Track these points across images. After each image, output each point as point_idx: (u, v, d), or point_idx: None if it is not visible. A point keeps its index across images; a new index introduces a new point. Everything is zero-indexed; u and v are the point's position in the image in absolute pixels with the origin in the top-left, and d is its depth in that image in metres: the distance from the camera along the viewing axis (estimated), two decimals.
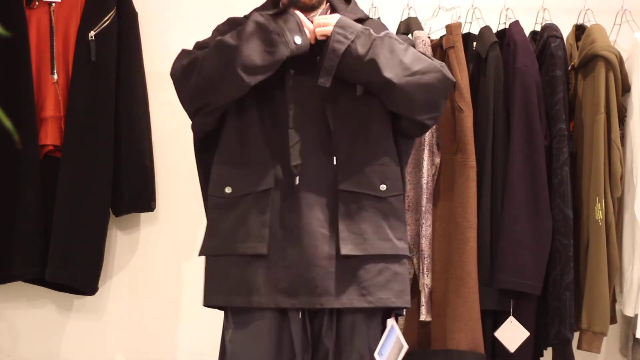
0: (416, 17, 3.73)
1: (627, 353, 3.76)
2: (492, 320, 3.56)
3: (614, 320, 3.65)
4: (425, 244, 3.54)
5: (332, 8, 3.05)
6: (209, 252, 2.97)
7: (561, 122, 3.54)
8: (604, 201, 3.51)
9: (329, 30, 2.87)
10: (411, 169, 3.59)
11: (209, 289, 2.96)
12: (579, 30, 3.77)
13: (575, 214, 3.55)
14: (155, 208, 3.78)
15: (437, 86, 2.91)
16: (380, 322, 2.97)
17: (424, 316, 3.53)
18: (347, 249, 2.86)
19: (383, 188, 2.92)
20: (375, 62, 2.83)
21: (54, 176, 3.63)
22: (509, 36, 3.59)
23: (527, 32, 3.65)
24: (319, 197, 2.87)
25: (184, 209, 3.87)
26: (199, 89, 2.89)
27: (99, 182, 3.65)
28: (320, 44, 2.90)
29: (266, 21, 2.85)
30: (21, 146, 3.57)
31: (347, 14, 2.99)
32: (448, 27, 3.62)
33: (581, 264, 3.57)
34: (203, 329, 3.78)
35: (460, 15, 3.71)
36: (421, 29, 3.67)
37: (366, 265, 2.88)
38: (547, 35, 3.61)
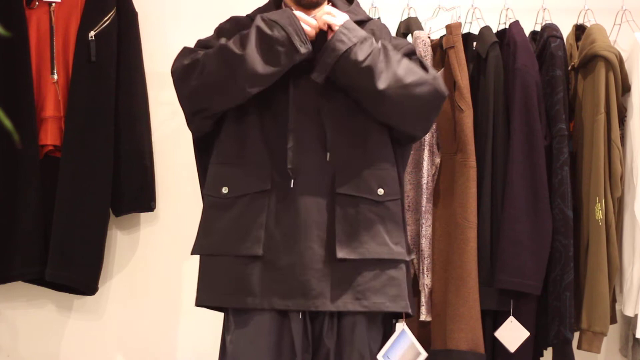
0: (416, 17, 3.73)
1: (627, 353, 3.76)
2: (492, 320, 3.56)
3: (614, 320, 3.65)
4: (425, 244, 3.54)
5: (334, 7, 3.05)
6: (203, 252, 2.96)
7: (561, 122, 3.54)
8: (604, 201, 3.51)
9: (335, 22, 2.87)
10: (411, 169, 3.59)
11: (203, 288, 2.96)
12: (579, 30, 3.77)
13: (575, 214, 3.55)
14: (155, 208, 3.78)
15: (429, 99, 2.92)
16: (381, 324, 2.97)
17: (424, 316, 3.53)
18: (343, 253, 2.85)
19: (380, 192, 2.92)
20: (370, 71, 2.83)
21: (54, 176, 3.63)
22: (509, 36, 3.59)
23: (527, 32, 3.65)
24: (316, 199, 2.87)
25: (184, 209, 3.87)
26: (199, 92, 2.89)
27: (99, 182, 3.65)
28: (322, 42, 2.89)
29: (269, 29, 2.83)
30: (21, 146, 3.57)
31: (349, 14, 2.98)
32: (448, 27, 3.62)
33: (581, 264, 3.57)
34: (203, 329, 3.78)
35: (460, 15, 3.71)
36: (421, 29, 3.67)
37: (362, 269, 2.88)
38: (547, 35, 3.61)
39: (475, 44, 3.62)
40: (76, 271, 3.63)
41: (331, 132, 2.89)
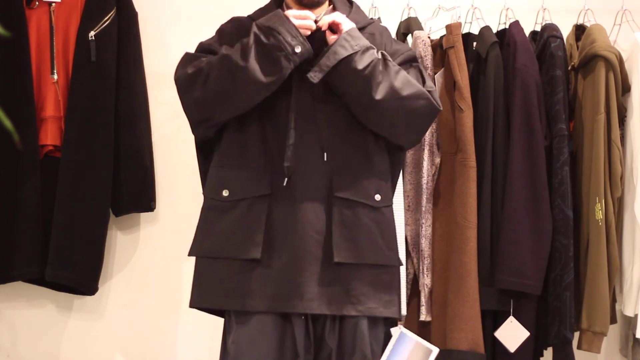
0: (416, 17, 3.73)
1: (627, 353, 3.76)
2: (492, 320, 3.56)
3: (614, 320, 3.65)
4: (425, 244, 3.54)
5: (334, 10, 3.04)
6: (201, 254, 2.96)
7: (561, 122, 3.54)
8: (604, 201, 3.51)
9: (341, 21, 2.88)
10: (411, 169, 3.59)
11: (199, 290, 2.95)
12: (579, 30, 3.77)
13: (575, 214, 3.55)
14: (155, 208, 3.78)
15: (422, 113, 2.93)
16: (383, 326, 2.97)
17: (423, 316, 3.53)
18: (341, 257, 2.86)
19: (377, 198, 2.94)
20: (368, 81, 2.84)
21: (54, 176, 3.63)
22: (509, 36, 3.59)
23: (527, 32, 3.65)
24: (314, 203, 2.87)
25: (184, 209, 3.87)
26: (203, 103, 2.90)
27: (99, 182, 3.65)
28: (321, 44, 2.89)
29: (265, 37, 2.83)
30: (21, 146, 3.57)
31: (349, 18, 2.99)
32: (448, 27, 3.62)
33: (581, 264, 3.57)
34: (203, 329, 3.78)
35: (460, 15, 3.71)
36: (421, 29, 3.67)
37: (357, 273, 2.89)
38: (547, 35, 3.61)
39: (475, 44, 3.62)
40: (76, 271, 3.63)
41: (328, 134, 2.90)
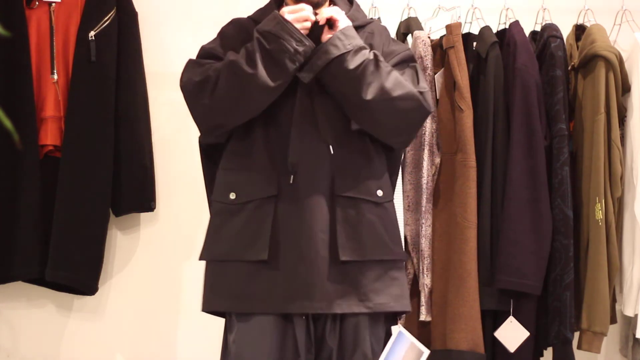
0: (416, 17, 3.73)
1: (627, 353, 3.76)
2: (492, 320, 3.56)
3: (614, 320, 3.65)
4: (425, 244, 3.54)
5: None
6: (210, 257, 2.97)
7: (561, 122, 3.54)
8: (604, 201, 3.51)
9: (338, 18, 2.88)
10: (411, 169, 3.59)
11: (211, 294, 2.96)
12: (579, 30, 3.77)
13: (575, 214, 3.55)
14: (155, 208, 3.78)
15: (412, 114, 2.92)
16: (384, 324, 2.97)
17: (423, 316, 3.53)
18: (346, 255, 2.86)
19: (380, 194, 2.94)
20: (358, 81, 2.84)
21: (54, 176, 3.63)
22: (509, 36, 3.59)
23: (527, 32, 3.65)
24: (318, 203, 2.87)
25: (184, 209, 3.87)
26: (214, 111, 2.90)
27: (99, 182, 3.66)
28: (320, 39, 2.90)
29: (265, 41, 2.84)
30: (21, 146, 3.57)
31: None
32: (448, 27, 3.62)
33: (581, 264, 3.57)
34: (203, 329, 3.78)
35: (460, 15, 3.71)
36: (421, 29, 3.67)
37: (364, 270, 2.89)
38: (547, 35, 3.61)
39: (475, 44, 3.62)
40: (76, 271, 3.63)
41: (329, 133, 2.90)
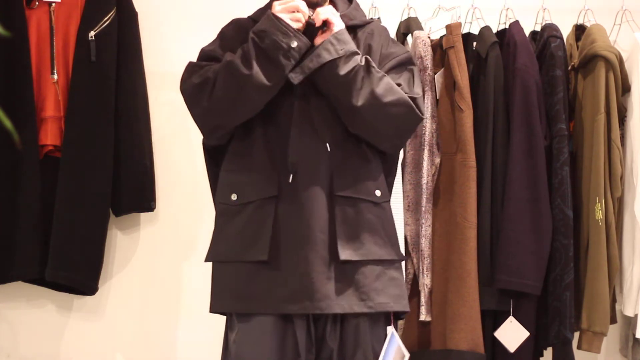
0: (416, 17, 3.73)
1: (627, 353, 3.76)
2: (492, 320, 3.56)
3: (614, 320, 3.65)
4: (425, 244, 3.54)
5: (334, 8, 3.05)
6: (213, 259, 2.99)
7: (561, 122, 3.54)
8: (604, 201, 3.51)
9: (332, 20, 2.88)
10: (411, 169, 3.59)
11: (215, 295, 2.98)
12: (579, 30, 3.77)
13: (575, 214, 3.55)
14: (155, 208, 3.78)
15: (403, 120, 2.93)
16: (384, 324, 2.98)
17: (423, 316, 3.53)
18: (346, 255, 2.87)
19: (378, 194, 2.94)
20: (349, 87, 2.85)
21: (54, 176, 3.63)
22: (509, 36, 3.59)
23: (527, 32, 3.65)
24: (318, 202, 2.88)
25: (184, 209, 3.87)
26: (213, 112, 2.91)
27: (99, 182, 3.66)
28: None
29: (259, 40, 2.85)
30: (21, 146, 3.57)
31: (344, 18, 2.98)
32: (448, 27, 3.62)
33: (581, 264, 3.57)
34: (203, 329, 3.78)
35: (460, 15, 3.71)
36: (421, 29, 3.67)
37: (364, 270, 2.89)
38: (547, 35, 3.61)
39: (475, 44, 3.62)
40: (76, 271, 3.63)
41: (327, 133, 2.90)
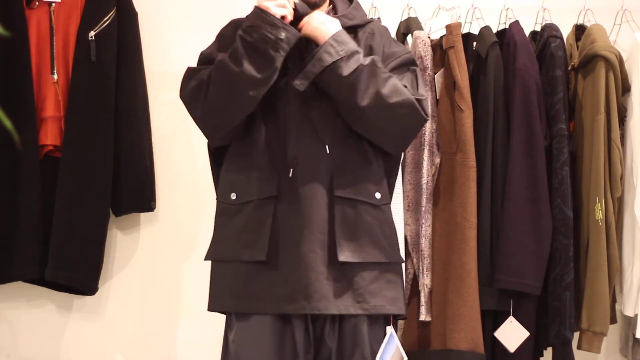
0: (416, 17, 3.73)
1: (627, 353, 3.76)
2: (492, 320, 3.56)
3: (614, 320, 3.65)
4: (425, 244, 3.54)
5: (334, 9, 3.05)
6: (212, 258, 2.99)
7: (561, 122, 3.54)
8: (604, 201, 3.51)
9: (318, 34, 2.88)
10: (411, 169, 3.59)
11: (213, 294, 2.98)
12: (579, 30, 3.77)
13: (575, 214, 3.55)
14: (155, 208, 3.78)
15: (408, 121, 2.93)
16: (383, 324, 2.98)
17: (423, 316, 3.53)
18: (344, 256, 2.87)
19: (378, 196, 2.94)
20: (353, 87, 2.85)
21: (54, 176, 3.63)
22: (509, 36, 3.59)
23: (527, 32, 3.65)
24: (317, 203, 2.88)
25: (184, 209, 3.87)
26: (209, 114, 2.92)
27: (99, 182, 3.66)
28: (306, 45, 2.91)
29: (247, 35, 2.84)
30: (21, 146, 3.57)
31: (344, 18, 2.99)
32: (448, 27, 3.62)
33: (581, 264, 3.57)
34: (203, 329, 3.78)
35: (460, 15, 3.71)
36: (421, 29, 3.67)
37: (361, 272, 2.89)
38: (547, 35, 3.61)
39: (475, 44, 3.62)
40: (76, 271, 3.63)
41: (327, 134, 2.90)
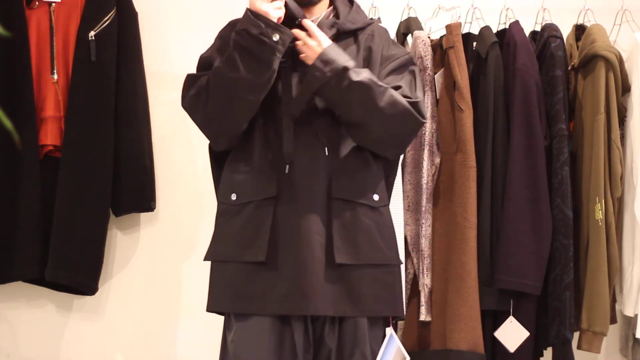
0: (416, 17, 3.73)
1: (627, 353, 3.77)
2: (492, 320, 3.56)
3: (614, 320, 3.65)
4: (425, 244, 3.54)
5: (335, 10, 3.05)
6: (212, 258, 2.99)
7: (561, 122, 3.54)
8: (604, 201, 3.51)
9: (307, 54, 2.88)
10: (411, 169, 3.59)
11: (212, 295, 2.98)
12: (579, 30, 3.78)
13: (575, 214, 3.55)
14: (155, 208, 3.78)
15: (406, 129, 2.94)
16: (382, 325, 2.98)
17: (423, 316, 3.53)
18: (342, 258, 2.87)
19: (376, 198, 2.95)
20: (347, 104, 2.86)
21: (54, 176, 3.63)
22: (509, 36, 3.59)
23: (527, 32, 3.65)
24: (316, 205, 2.88)
25: (184, 209, 3.87)
26: (210, 121, 2.92)
27: (99, 182, 3.66)
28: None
29: (242, 39, 2.84)
30: (21, 146, 3.57)
31: (348, 23, 3.00)
32: (448, 27, 3.62)
33: (581, 264, 3.57)
34: (203, 329, 3.78)
35: (460, 15, 3.71)
36: (421, 29, 3.67)
37: (359, 274, 2.90)
38: (547, 35, 3.61)
39: (475, 44, 3.62)
40: (76, 271, 3.63)
41: (326, 135, 2.91)
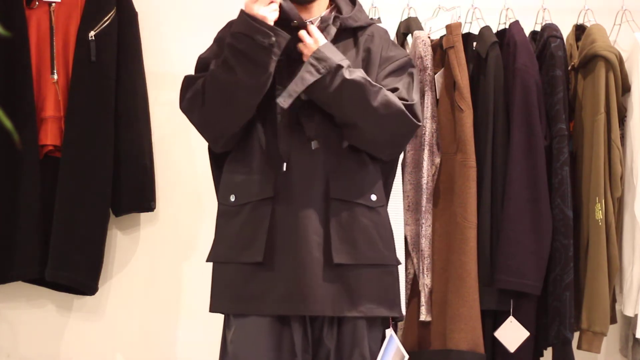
0: (416, 17, 3.73)
1: (627, 353, 3.77)
2: (492, 320, 3.56)
3: (614, 320, 3.65)
4: (425, 244, 3.54)
5: (336, 9, 3.05)
6: (212, 259, 3.00)
7: (561, 122, 3.54)
8: (604, 201, 3.51)
9: (307, 46, 2.88)
10: (411, 169, 3.59)
11: (213, 296, 2.99)
12: (579, 30, 3.78)
13: (575, 214, 3.55)
14: (155, 208, 3.78)
15: (400, 130, 2.94)
16: (381, 325, 2.98)
17: (423, 316, 3.53)
18: (340, 258, 2.87)
19: (374, 198, 2.95)
20: (339, 103, 2.86)
21: (54, 176, 3.63)
22: (509, 36, 3.59)
23: (527, 32, 3.65)
24: (313, 205, 2.88)
25: (184, 209, 3.87)
26: (208, 124, 2.93)
27: (99, 182, 3.66)
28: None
29: (238, 42, 2.83)
30: (21, 146, 3.57)
31: (350, 20, 3.00)
32: (448, 27, 3.62)
33: (581, 264, 3.57)
34: (203, 329, 3.78)
35: (460, 15, 3.71)
36: (421, 29, 3.67)
37: (357, 274, 2.90)
38: (547, 35, 3.61)
39: (475, 44, 3.62)
40: (76, 271, 3.63)
41: (322, 136, 2.91)
